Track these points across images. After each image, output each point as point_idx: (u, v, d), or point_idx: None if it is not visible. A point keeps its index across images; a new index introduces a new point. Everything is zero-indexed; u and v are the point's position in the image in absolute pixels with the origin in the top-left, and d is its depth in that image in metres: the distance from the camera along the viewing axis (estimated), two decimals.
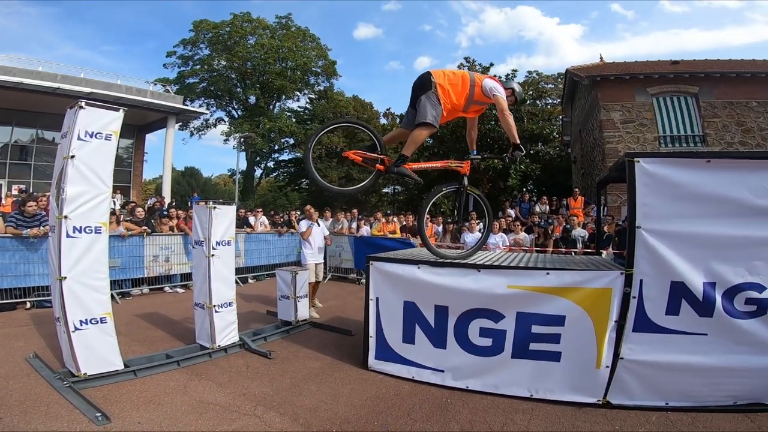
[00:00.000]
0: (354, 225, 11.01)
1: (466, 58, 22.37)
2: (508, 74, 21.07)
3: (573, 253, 7.89)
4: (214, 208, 4.58)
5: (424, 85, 3.53)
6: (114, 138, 3.87)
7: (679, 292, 3.00)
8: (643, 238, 3.05)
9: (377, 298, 3.94)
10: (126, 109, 4.02)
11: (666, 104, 13.34)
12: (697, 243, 2.98)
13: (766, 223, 2.88)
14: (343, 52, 66.69)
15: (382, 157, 3.63)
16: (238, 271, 9.44)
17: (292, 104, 31.22)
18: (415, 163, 3.81)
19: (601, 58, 16.44)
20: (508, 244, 8.55)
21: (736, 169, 2.95)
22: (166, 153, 19.56)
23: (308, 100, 31.21)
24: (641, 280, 3.07)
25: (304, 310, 5.79)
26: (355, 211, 12.02)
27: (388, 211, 11.20)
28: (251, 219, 11.00)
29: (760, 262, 2.90)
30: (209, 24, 27.56)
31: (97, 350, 3.64)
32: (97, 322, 3.66)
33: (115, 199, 13.99)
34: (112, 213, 8.55)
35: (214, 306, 4.51)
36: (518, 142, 3.70)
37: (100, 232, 3.76)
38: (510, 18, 65.53)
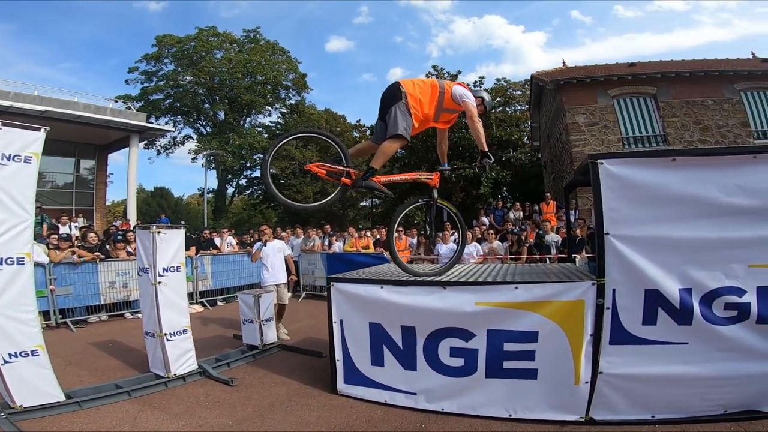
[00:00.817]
0: (326, 242, 10.67)
1: (434, 67, 22.58)
2: (476, 82, 21.35)
3: (547, 259, 7.96)
4: (158, 233, 4.26)
5: (393, 95, 3.41)
6: (35, 160, 3.54)
7: (654, 300, 2.86)
8: (612, 245, 2.90)
9: (341, 321, 3.79)
10: (48, 128, 3.65)
11: (627, 106, 13.65)
12: (669, 247, 2.84)
13: (738, 222, 2.75)
14: (315, 66, 66.91)
15: (348, 169, 3.45)
16: (207, 293, 9.33)
17: (264, 119, 30.78)
18: (384, 176, 3.66)
19: (564, 62, 16.82)
20: (481, 253, 8.43)
21: (704, 167, 2.83)
22: (130, 173, 18.74)
23: (280, 115, 30.86)
24: (614, 290, 2.91)
25: (271, 333, 5.53)
26: (327, 227, 11.70)
27: (360, 226, 10.93)
28: (217, 240, 10.53)
29: (736, 265, 2.77)
30: (173, 38, 26.90)
31: (31, 382, 3.50)
32: (28, 355, 3.49)
33: (74, 224, 13.12)
34: (67, 239, 8.06)
35: (166, 334, 4.30)
36: (486, 149, 3.55)
37: (23, 263, 3.50)
38: (478, 27, 67.18)
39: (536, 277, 3.51)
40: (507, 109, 23.47)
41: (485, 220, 11.98)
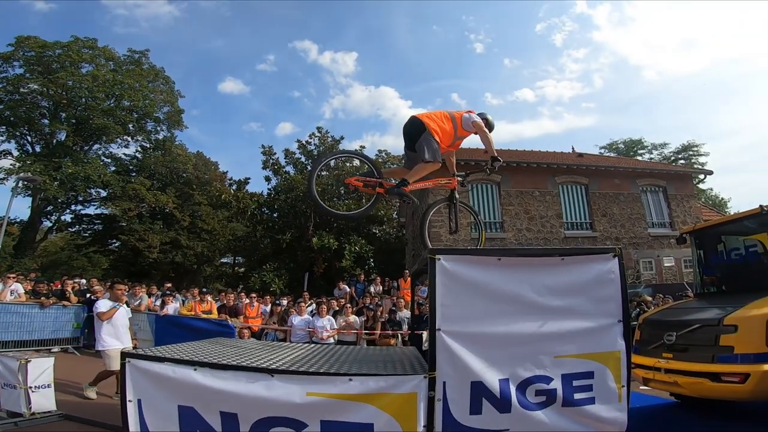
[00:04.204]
0: (158, 302, 9.02)
1: (318, 128, 23.16)
2: (355, 150, 22.59)
3: (399, 335, 8.33)
4: None
5: (417, 128, 3.90)
6: None
7: (479, 391, 2.97)
8: (443, 340, 2.99)
9: (139, 400, 3.12)
10: None
11: (478, 191, 15.01)
12: (493, 342, 3.03)
13: (546, 319, 3.08)
14: (201, 103, 61.84)
15: (380, 180, 3.96)
16: None
17: (118, 150, 26.45)
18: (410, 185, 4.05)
19: None
20: (335, 327, 8.23)
21: (521, 267, 3.17)
22: None
23: (140, 149, 27.15)
24: (444, 383, 2.95)
25: (43, 401, 4.76)
26: (168, 285, 10.02)
27: (205, 289, 9.61)
28: None
29: (544, 356, 3.06)
30: (37, 42, 22.13)
31: None
32: None
33: None
34: None
35: None
36: (496, 155, 4.06)
37: None
38: (372, 96, 69.88)
39: (374, 366, 3.44)
40: None
41: (345, 287, 12.05)
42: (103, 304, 6.01)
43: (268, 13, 70.00)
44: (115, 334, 5.93)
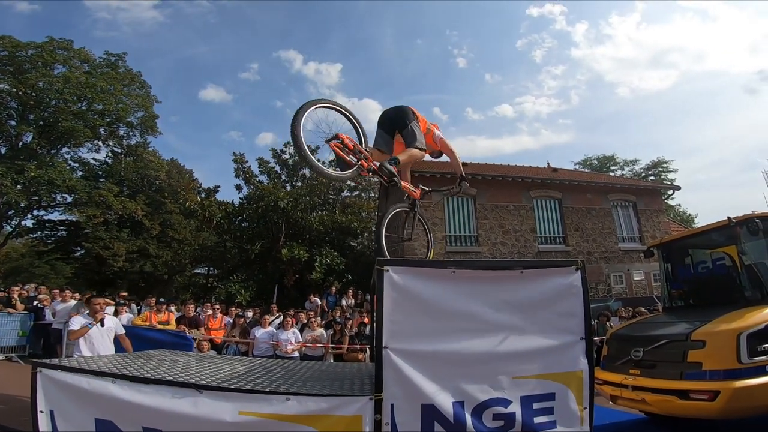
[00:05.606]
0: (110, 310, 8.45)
1: (286, 144, 22.65)
2: (332, 161, 22.05)
3: (367, 348, 7.89)
4: None
5: (407, 115, 3.79)
6: None
7: (430, 414, 2.73)
8: (390, 359, 2.76)
9: (52, 411, 2.98)
10: None
11: (453, 204, 14.93)
12: (445, 362, 2.81)
13: (504, 336, 2.87)
14: (180, 110, 60.34)
15: (366, 154, 3.55)
16: None
17: (87, 154, 25.36)
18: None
19: None
20: (300, 341, 7.94)
21: (477, 281, 2.97)
22: None
23: (110, 154, 26.16)
24: (392, 405, 2.71)
25: None
26: (123, 294, 9.46)
27: (162, 300, 9.07)
28: None
29: (503, 377, 2.85)
30: (11, 42, 21.12)
31: None
32: None
33: None
34: None
35: None
36: (464, 174, 4.12)
37: None
38: (356, 108, 67.40)
39: (320, 384, 3.15)
40: (363, 195, 24.34)
41: (317, 299, 11.75)
42: (76, 321, 5.39)
43: (254, 21, 69.94)
44: (92, 353, 5.18)
